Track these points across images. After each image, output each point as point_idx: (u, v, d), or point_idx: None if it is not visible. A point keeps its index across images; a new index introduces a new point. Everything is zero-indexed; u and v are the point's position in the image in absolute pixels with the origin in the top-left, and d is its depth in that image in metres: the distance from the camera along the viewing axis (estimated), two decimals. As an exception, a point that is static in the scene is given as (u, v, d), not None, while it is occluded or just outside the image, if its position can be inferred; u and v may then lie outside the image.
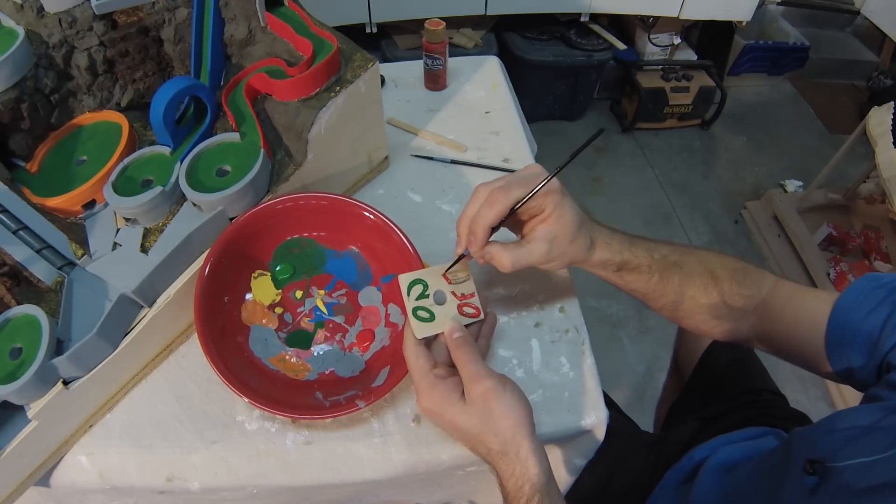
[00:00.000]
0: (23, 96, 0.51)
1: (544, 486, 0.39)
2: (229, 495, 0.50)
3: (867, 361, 0.41)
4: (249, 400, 0.45)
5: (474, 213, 0.43)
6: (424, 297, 0.46)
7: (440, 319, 0.45)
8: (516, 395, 0.42)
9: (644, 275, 0.47)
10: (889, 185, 1.16)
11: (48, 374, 0.43)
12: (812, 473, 0.36)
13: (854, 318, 0.41)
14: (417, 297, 0.46)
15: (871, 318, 0.40)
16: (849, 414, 0.38)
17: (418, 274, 0.47)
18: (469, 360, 0.42)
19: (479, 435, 0.41)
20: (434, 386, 0.42)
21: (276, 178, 0.53)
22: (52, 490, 0.49)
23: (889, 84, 2.08)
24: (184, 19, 0.56)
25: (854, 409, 0.38)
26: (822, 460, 0.36)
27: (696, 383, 0.79)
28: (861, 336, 0.41)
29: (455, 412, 0.42)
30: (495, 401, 0.40)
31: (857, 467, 0.34)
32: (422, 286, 0.47)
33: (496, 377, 0.42)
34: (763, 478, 0.45)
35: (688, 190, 1.88)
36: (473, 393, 0.41)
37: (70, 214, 0.51)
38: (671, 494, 0.57)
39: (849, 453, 0.35)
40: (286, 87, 0.53)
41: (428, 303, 0.46)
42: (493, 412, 0.40)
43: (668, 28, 1.93)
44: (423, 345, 0.44)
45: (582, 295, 0.58)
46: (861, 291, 0.42)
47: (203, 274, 0.48)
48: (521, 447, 0.40)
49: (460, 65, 0.86)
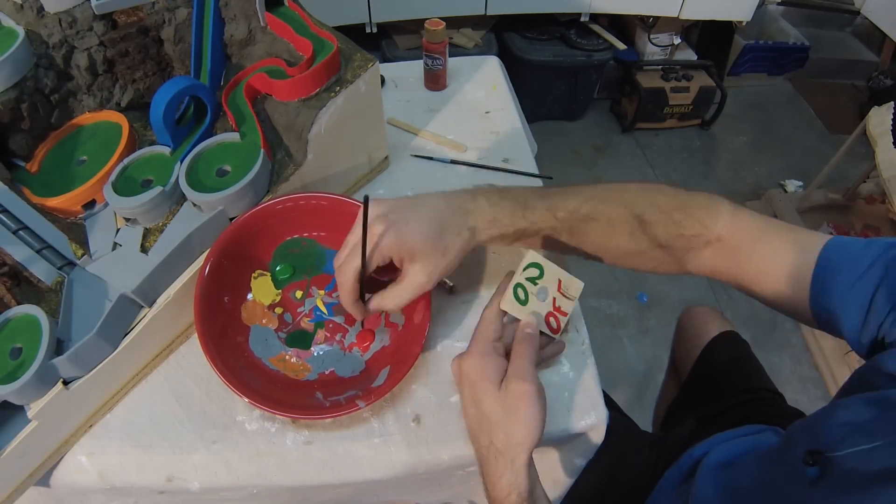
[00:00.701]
0: (23, 96, 0.51)
1: (531, 497, 0.40)
2: (229, 495, 0.50)
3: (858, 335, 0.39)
4: (249, 400, 0.45)
5: (342, 297, 0.45)
6: (533, 282, 0.47)
7: (528, 308, 0.46)
8: (543, 411, 0.42)
9: (549, 236, 0.46)
10: (889, 185, 1.16)
11: (48, 374, 0.43)
12: (812, 465, 0.36)
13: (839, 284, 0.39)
14: (528, 278, 0.47)
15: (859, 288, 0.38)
16: (847, 404, 0.38)
17: (544, 261, 0.47)
18: (524, 356, 0.43)
19: (495, 425, 0.41)
20: (485, 354, 0.43)
21: (276, 178, 0.53)
22: (52, 490, 0.49)
23: (889, 84, 2.08)
24: (184, 19, 0.56)
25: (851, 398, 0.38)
26: (823, 451, 0.36)
27: (694, 383, 0.79)
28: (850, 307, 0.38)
29: (487, 389, 0.42)
30: (526, 405, 0.41)
31: (858, 455, 0.34)
32: (538, 271, 0.47)
33: (538, 384, 0.42)
34: (763, 472, 0.45)
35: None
36: (511, 387, 0.41)
37: (70, 214, 0.51)
38: (671, 493, 0.57)
39: (848, 442, 0.35)
40: (286, 87, 0.53)
41: (532, 289, 0.47)
42: (518, 413, 0.41)
43: (668, 28, 1.93)
44: (501, 315, 0.45)
45: (582, 295, 0.58)
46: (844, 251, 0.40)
47: (203, 274, 0.48)
48: (518, 457, 0.40)
49: (460, 65, 0.86)
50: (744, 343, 0.79)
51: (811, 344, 1.44)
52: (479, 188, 0.47)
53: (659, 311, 1.53)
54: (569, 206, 0.45)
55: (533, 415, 0.41)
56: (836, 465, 0.35)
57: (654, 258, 0.47)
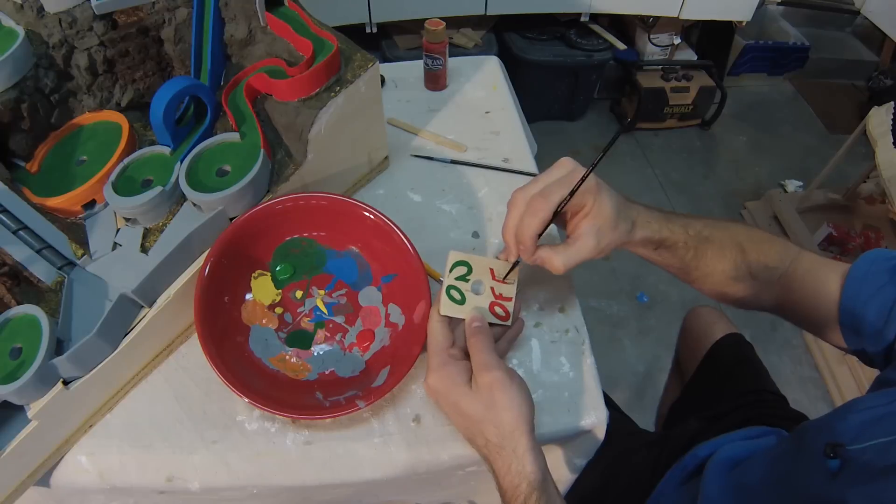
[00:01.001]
0: (23, 96, 0.51)
1: (542, 484, 0.40)
2: (229, 495, 0.50)
3: (875, 345, 0.42)
4: (249, 400, 0.45)
5: (517, 223, 0.44)
6: (464, 280, 0.48)
7: (468, 306, 0.46)
8: (522, 390, 0.42)
9: (680, 251, 0.48)
10: (889, 185, 1.16)
11: (48, 374, 0.43)
12: (833, 457, 0.37)
13: (862, 297, 0.43)
14: (457, 277, 0.48)
15: (877, 301, 0.41)
16: (864, 400, 0.39)
17: (468, 257, 0.48)
18: (481, 349, 0.43)
19: (481, 423, 0.41)
20: (445, 364, 0.43)
21: (276, 178, 0.53)
22: (52, 490, 0.49)
23: (889, 84, 2.07)
24: (184, 19, 0.56)
25: (869, 395, 0.39)
26: (843, 444, 0.37)
27: (698, 383, 0.79)
28: (868, 319, 0.42)
29: (460, 394, 0.42)
30: (500, 391, 0.41)
31: (877, 448, 0.35)
32: (465, 269, 0.48)
33: (504, 369, 0.42)
34: (776, 469, 0.45)
35: (688, 190, 1.88)
36: (481, 381, 0.42)
37: (70, 214, 0.51)
38: (674, 493, 0.57)
39: (868, 435, 0.36)
40: (286, 87, 0.53)
41: (464, 286, 0.47)
42: (497, 402, 0.41)
43: (668, 28, 1.92)
44: (446, 322, 0.46)
45: (582, 295, 0.58)
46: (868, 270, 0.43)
47: (203, 274, 0.48)
48: (518, 443, 0.40)
49: (460, 65, 0.86)
50: (748, 345, 0.79)
51: (811, 345, 1.44)
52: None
53: (659, 311, 1.53)
54: (696, 226, 0.48)
55: (512, 397, 0.41)
56: (855, 457, 0.36)
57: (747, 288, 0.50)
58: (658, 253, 0.49)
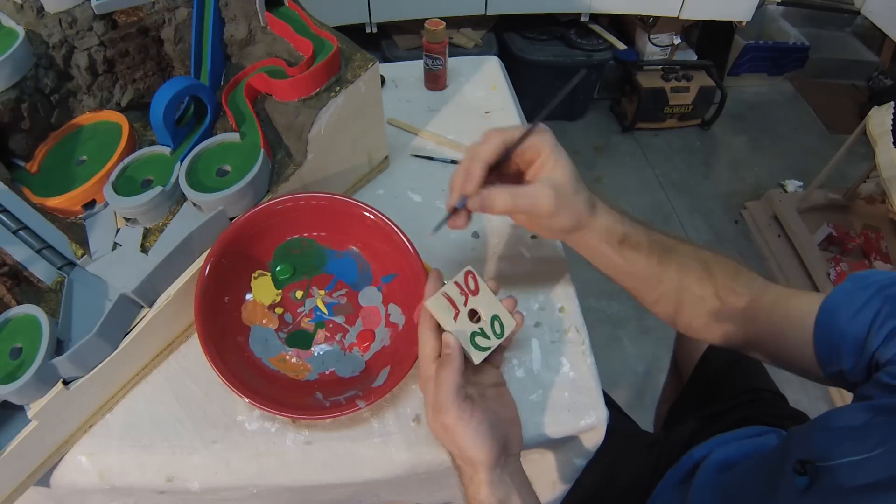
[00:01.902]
0: (23, 96, 0.51)
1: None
2: (229, 495, 0.50)
3: (856, 362, 0.40)
4: (249, 400, 0.45)
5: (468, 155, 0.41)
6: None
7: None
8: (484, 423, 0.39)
9: (644, 254, 0.44)
10: (889, 185, 1.15)
11: (48, 374, 0.43)
12: (803, 474, 0.36)
13: (840, 320, 0.40)
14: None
15: (858, 319, 0.39)
16: (841, 413, 0.38)
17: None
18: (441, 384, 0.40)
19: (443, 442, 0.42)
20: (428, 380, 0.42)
21: (276, 178, 0.53)
22: (52, 490, 0.49)
23: (889, 84, 2.08)
24: (184, 19, 0.56)
25: (845, 407, 0.38)
26: (814, 460, 0.36)
27: (696, 383, 0.79)
28: (849, 338, 0.39)
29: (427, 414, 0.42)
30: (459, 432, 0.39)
31: (849, 466, 0.34)
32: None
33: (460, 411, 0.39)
34: (758, 477, 0.45)
35: (688, 190, 1.88)
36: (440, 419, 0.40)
37: (70, 214, 0.51)
38: (670, 493, 0.57)
39: (840, 452, 0.35)
40: (286, 87, 0.53)
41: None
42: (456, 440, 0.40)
43: (668, 28, 1.92)
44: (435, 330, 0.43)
45: (582, 295, 0.58)
46: (846, 293, 0.41)
47: (203, 274, 0.48)
48: (477, 474, 0.40)
49: (460, 65, 0.86)
50: None
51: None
52: None
53: (659, 311, 1.53)
54: (656, 233, 0.46)
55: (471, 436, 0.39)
56: (826, 474, 0.35)
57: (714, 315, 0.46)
58: (622, 253, 0.44)
